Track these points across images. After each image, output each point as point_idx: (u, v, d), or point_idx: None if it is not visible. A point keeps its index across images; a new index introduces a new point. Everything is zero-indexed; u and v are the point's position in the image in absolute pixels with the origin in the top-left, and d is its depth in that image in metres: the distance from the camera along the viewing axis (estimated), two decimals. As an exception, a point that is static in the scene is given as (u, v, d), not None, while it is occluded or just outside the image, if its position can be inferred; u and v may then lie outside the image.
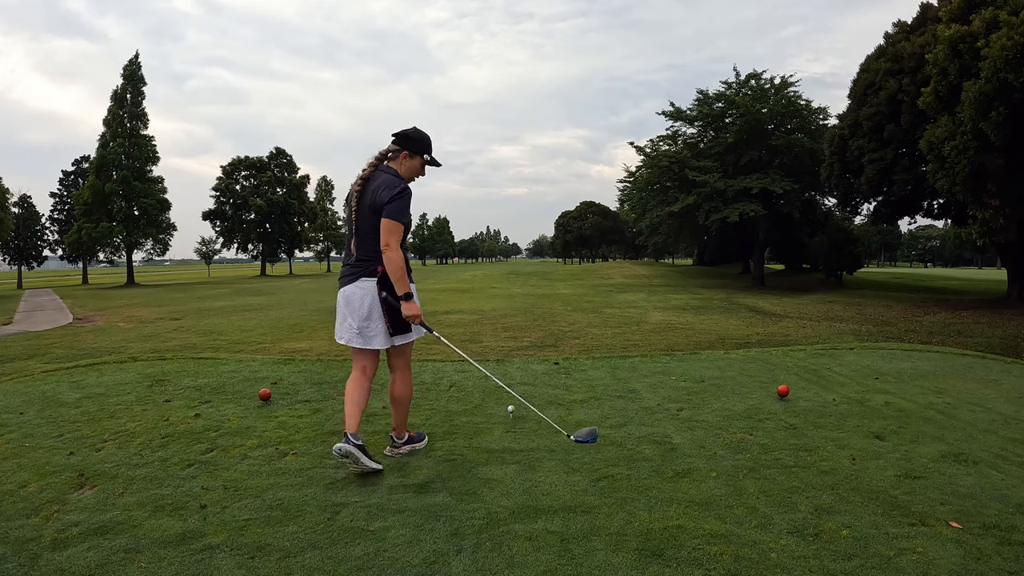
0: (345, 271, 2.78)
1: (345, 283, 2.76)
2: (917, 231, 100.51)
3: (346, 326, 2.74)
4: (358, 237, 2.69)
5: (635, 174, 31.75)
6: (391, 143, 2.79)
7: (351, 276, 2.74)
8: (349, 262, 2.77)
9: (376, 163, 2.73)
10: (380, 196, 2.62)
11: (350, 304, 2.71)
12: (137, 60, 36.04)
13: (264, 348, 9.93)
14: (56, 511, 2.24)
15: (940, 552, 1.91)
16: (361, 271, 2.71)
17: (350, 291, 2.72)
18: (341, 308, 2.76)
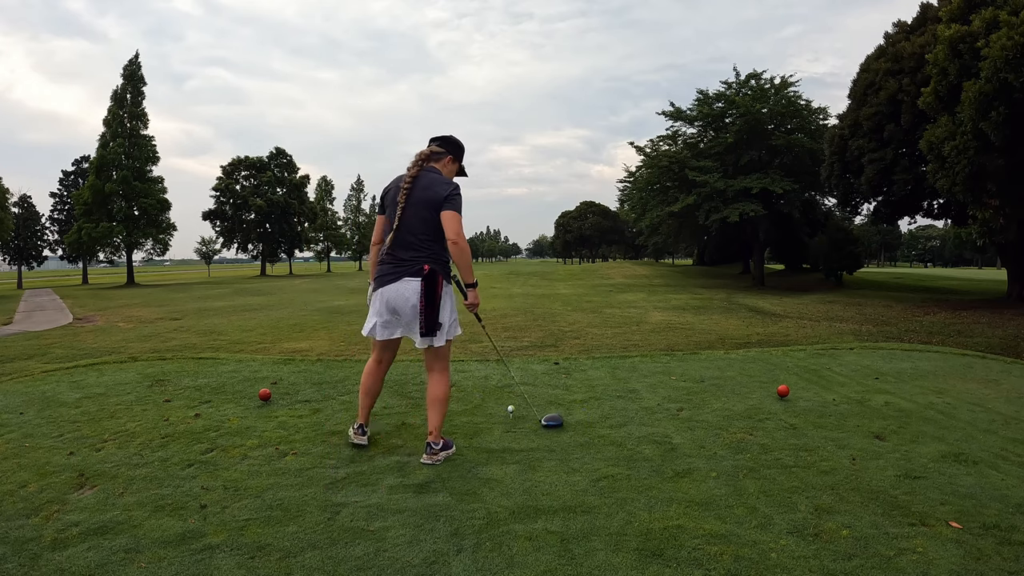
0: (385, 269, 2.76)
1: (387, 282, 2.75)
2: (917, 231, 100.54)
3: (384, 321, 2.78)
4: (401, 234, 2.70)
5: (635, 174, 31.76)
6: (433, 145, 2.86)
7: (394, 275, 2.73)
8: (390, 260, 2.75)
9: (421, 164, 2.78)
10: (437, 192, 2.68)
11: (393, 303, 2.73)
12: (137, 60, 36.06)
13: (264, 348, 9.94)
14: (56, 511, 2.24)
15: (940, 552, 1.91)
16: (405, 270, 2.71)
17: (392, 291, 2.72)
18: (378, 306, 2.78)
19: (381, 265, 2.81)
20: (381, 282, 2.78)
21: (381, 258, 2.82)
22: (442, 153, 2.85)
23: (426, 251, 2.71)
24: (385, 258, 2.79)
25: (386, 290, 2.75)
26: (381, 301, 2.78)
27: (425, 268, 2.68)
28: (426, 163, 2.80)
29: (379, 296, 2.79)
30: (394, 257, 2.74)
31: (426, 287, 2.67)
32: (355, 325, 12.86)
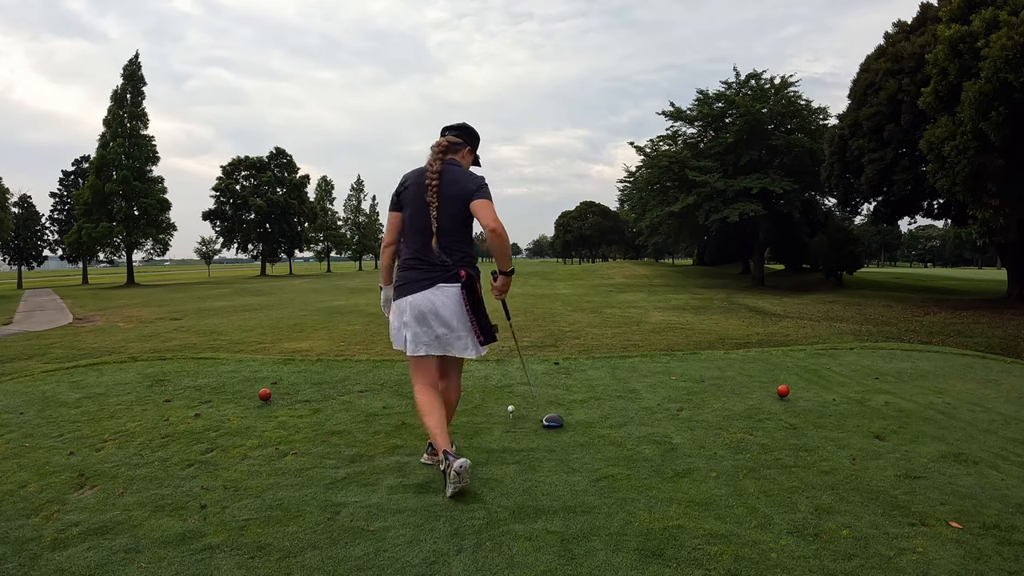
0: (413, 275, 2.50)
1: (416, 289, 2.48)
2: (917, 231, 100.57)
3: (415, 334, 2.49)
4: (436, 235, 2.46)
5: (635, 174, 31.77)
6: (450, 135, 2.63)
7: (425, 281, 2.48)
8: (418, 264, 2.50)
9: (442, 156, 2.54)
10: (466, 185, 2.48)
11: (424, 313, 2.46)
12: (137, 60, 36.07)
13: (264, 348, 9.94)
14: (56, 511, 2.24)
15: (940, 552, 1.91)
16: (439, 275, 2.47)
17: (423, 299, 2.47)
18: (405, 316, 2.50)
19: (407, 270, 2.53)
20: (408, 289, 2.50)
21: (405, 261, 2.55)
22: (460, 144, 2.62)
23: (459, 253, 2.50)
24: (411, 262, 2.52)
25: (416, 299, 2.48)
26: (410, 311, 2.49)
27: (462, 274, 2.46)
28: (444, 155, 2.55)
29: (406, 305, 2.50)
30: (423, 261, 2.48)
31: (469, 294, 2.46)
32: (355, 325, 12.87)
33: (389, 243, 2.66)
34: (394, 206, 2.62)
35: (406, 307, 2.50)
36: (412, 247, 2.53)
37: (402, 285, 2.53)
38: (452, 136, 2.62)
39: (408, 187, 2.55)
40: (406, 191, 2.55)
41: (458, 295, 2.48)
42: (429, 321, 2.48)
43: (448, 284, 2.48)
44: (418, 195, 2.49)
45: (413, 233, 2.52)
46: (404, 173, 2.61)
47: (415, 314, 2.48)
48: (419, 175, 2.53)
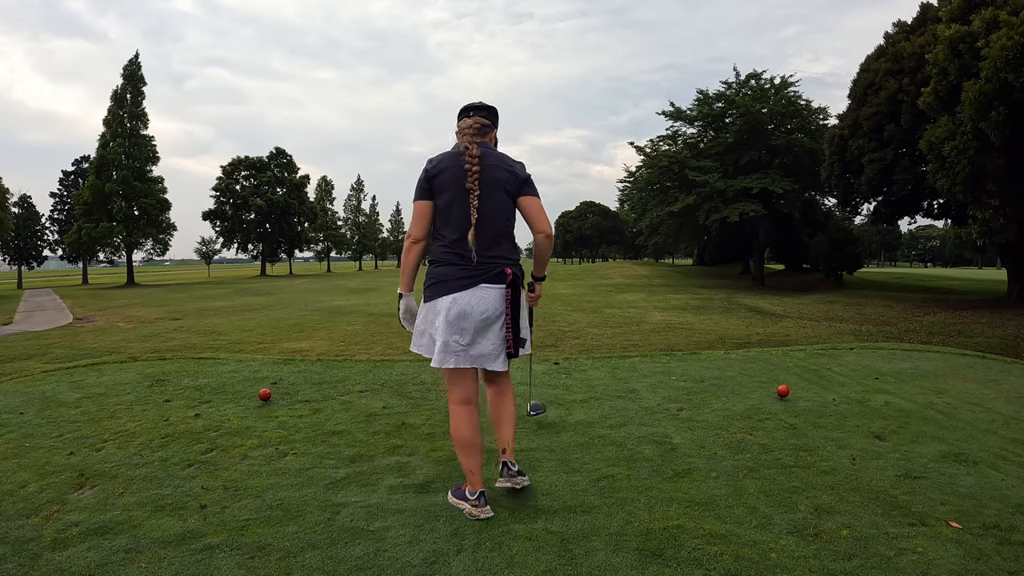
0: (450, 272, 2.17)
1: (455, 288, 2.16)
2: (917, 231, 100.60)
3: (456, 343, 2.17)
4: (478, 229, 2.15)
5: (635, 174, 31.76)
6: (479, 116, 2.28)
7: (465, 280, 2.16)
8: (458, 261, 2.17)
9: (477, 139, 2.23)
10: (513, 172, 2.22)
11: (466, 316, 2.15)
12: (137, 60, 36.07)
13: (264, 348, 9.94)
14: (56, 511, 2.24)
15: (940, 552, 1.91)
16: (482, 273, 2.17)
17: (465, 300, 2.15)
18: (444, 321, 2.16)
19: (442, 266, 2.20)
20: (444, 288, 2.17)
21: (439, 257, 2.22)
22: (489, 126, 2.30)
23: (503, 248, 2.22)
24: (447, 257, 2.19)
25: (454, 299, 2.16)
26: (445, 314, 2.16)
27: (508, 272, 2.18)
28: (478, 138, 2.24)
29: (440, 308, 2.17)
30: (462, 257, 2.16)
31: (513, 296, 2.18)
32: (355, 325, 12.87)
33: (418, 238, 2.22)
34: (424, 193, 2.21)
35: (441, 309, 2.17)
36: (447, 240, 2.19)
37: (435, 284, 2.19)
38: (480, 117, 2.29)
39: (444, 170, 2.18)
40: (441, 175, 2.18)
41: (501, 299, 2.18)
42: (467, 327, 2.16)
43: (492, 284, 2.18)
44: (457, 180, 2.16)
45: (450, 224, 2.17)
46: (430, 157, 2.26)
47: (451, 318, 2.15)
48: (454, 158, 2.20)
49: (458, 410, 2.26)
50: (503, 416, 2.35)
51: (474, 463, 2.21)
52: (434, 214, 2.22)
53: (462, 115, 2.33)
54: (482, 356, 2.21)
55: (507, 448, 2.32)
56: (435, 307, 2.20)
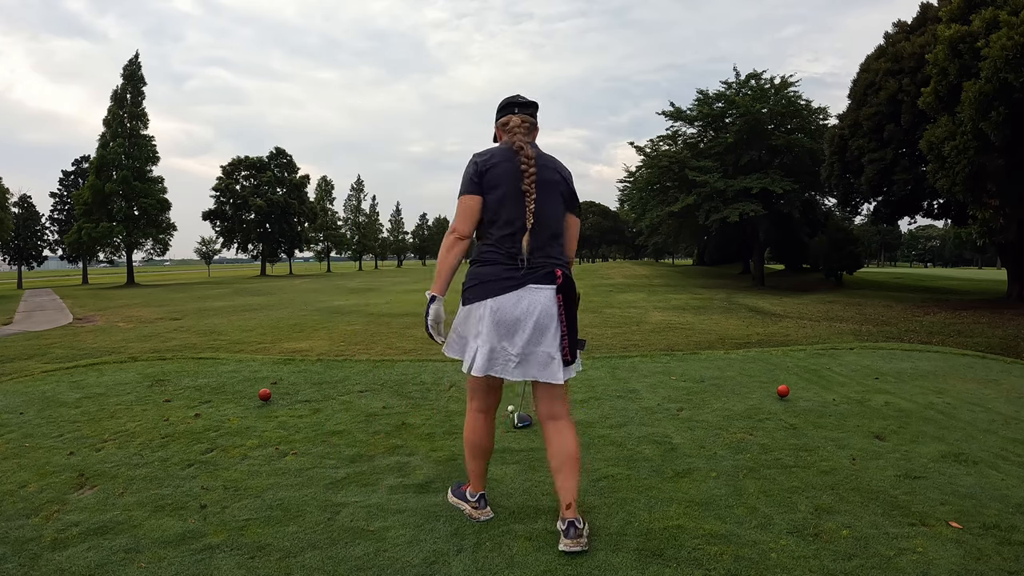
0: (495, 272, 2.00)
1: (500, 289, 1.97)
2: (917, 231, 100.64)
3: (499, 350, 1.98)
4: (532, 228, 2.00)
5: (635, 174, 31.77)
6: (524, 114, 2.11)
7: (511, 280, 1.98)
8: (505, 260, 2.00)
9: (527, 138, 2.09)
10: (568, 180, 2.13)
11: (514, 320, 1.97)
12: (137, 60, 36.07)
13: (264, 348, 9.94)
14: (56, 511, 2.24)
15: (940, 552, 1.91)
16: (529, 273, 1.99)
17: (511, 302, 1.97)
18: (484, 325, 1.98)
19: (486, 265, 2.02)
20: (488, 290, 1.99)
21: (482, 255, 2.05)
22: (535, 125, 2.15)
23: (554, 249, 2.06)
24: (492, 255, 2.01)
25: (499, 302, 1.97)
26: (490, 317, 1.97)
27: (558, 273, 2.00)
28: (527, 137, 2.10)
29: (483, 311, 1.99)
30: (509, 256, 1.99)
31: (566, 298, 2.00)
32: (355, 325, 12.87)
33: (465, 234, 2.02)
34: (473, 187, 2.02)
35: (485, 313, 1.98)
36: (494, 238, 2.02)
37: (478, 285, 2.01)
38: (527, 115, 2.12)
39: (497, 164, 2.02)
40: (494, 169, 2.01)
41: (552, 300, 1.99)
42: (516, 332, 1.96)
43: (541, 285, 1.99)
44: (510, 176, 2.01)
45: (499, 222, 2.01)
46: (477, 151, 2.10)
47: (497, 321, 1.97)
48: (506, 152, 2.05)
49: (477, 417, 2.16)
50: (567, 458, 2.00)
51: (480, 466, 2.19)
52: (483, 210, 2.03)
53: (505, 110, 2.13)
54: (534, 367, 1.98)
55: (572, 503, 1.97)
56: (478, 310, 2.00)
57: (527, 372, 1.99)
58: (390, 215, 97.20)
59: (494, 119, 2.19)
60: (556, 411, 2.05)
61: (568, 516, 1.95)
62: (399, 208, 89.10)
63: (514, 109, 2.12)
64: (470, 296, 2.04)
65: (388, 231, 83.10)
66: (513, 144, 2.06)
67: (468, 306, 2.05)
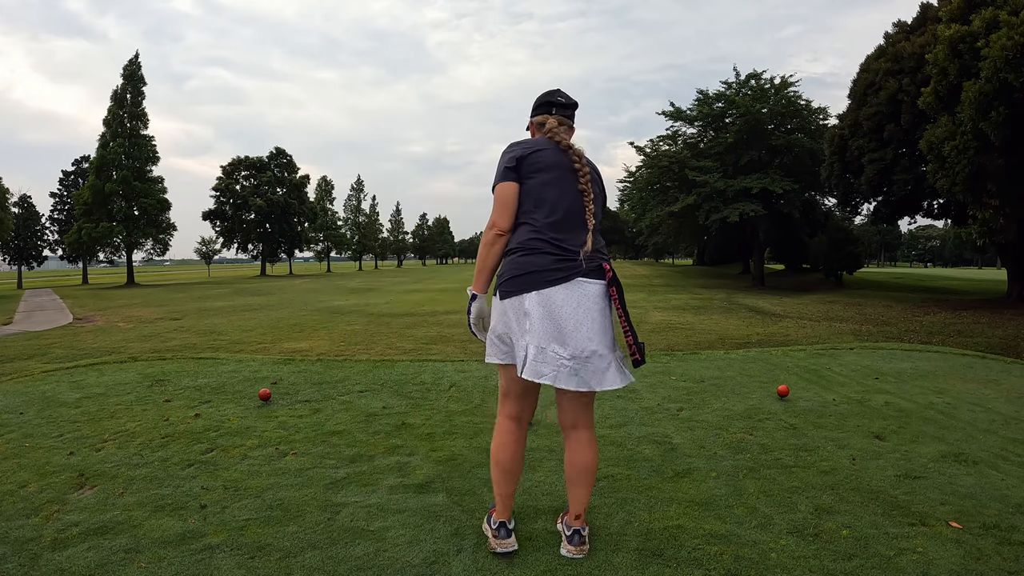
0: (539, 262, 1.81)
1: (546, 281, 1.79)
2: (917, 231, 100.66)
3: (548, 353, 1.77)
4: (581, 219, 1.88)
5: (635, 174, 31.78)
6: (566, 114, 1.99)
7: (558, 272, 1.80)
8: (552, 249, 1.82)
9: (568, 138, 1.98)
10: (603, 188, 2.04)
11: (563, 316, 1.78)
12: (137, 60, 36.07)
13: (264, 348, 9.93)
14: (56, 511, 2.24)
15: (940, 552, 1.91)
16: (576, 266, 1.81)
17: (562, 296, 1.79)
18: (532, 321, 1.79)
19: (533, 254, 1.82)
20: (536, 281, 1.79)
21: (524, 243, 1.85)
22: (572, 128, 2.02)
23: (600, 243, 1.92)
24: (539, 243, 1.82)
25: (547, 295, 1.78)
26: (538, 313, 1.78)
27: (607, 267, 1.85)
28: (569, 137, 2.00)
29: (529, 306, 1.79)
30: (557, 245, 1.82)
31: (619, 292, 1.84)
32: (355, 325, 12.86)
33: (506, 228, 1.87)
34: (510, 175, 1.87)
35: (530, 307, 1.79)
36: (538, 224, 1.84)
37: (519, 276, 1.81)
38: (565, 117, 2.00)
39: (541, 151, 1.89)
40: (536, 154, 1.88)
41: (603, 296, 1.83)
42: (565, 333, 1.78)
43: (590, 279, 1.82)
44: (557, 164, 1.89)
45: (544, 207, 1.85)
46: (514, 142, 1.97)
47: (544, 317, 1.78)
48: (551, 144, 1.92)
49: (507, 425, 1.93)
50: (584, 470, 1.89)
51: (508, 489, 1.93)
52: (520, 198, 1.88)
53: (541, 108, 2.00)
54: (592, 375, 1.78)
55: (582, 513, 1.91)
56: (520, 304, 1.81)
57: (584, 380, 1.78)
58: (390, 215, 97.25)
59: (529, 114, 2.07)
60: (581, 420, 1.91)
61: (575, 525, 1.92)
62: (399, 208, 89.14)
63: (551, 109, 1.99)
64: (510, 288, 1.83)
65: (388, 231, 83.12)
66: (560, 141, 1.93)
67: (508, 300, 1.84)
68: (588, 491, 1.91)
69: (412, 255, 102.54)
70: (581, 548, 1.91)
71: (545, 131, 1.97)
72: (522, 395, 1.93)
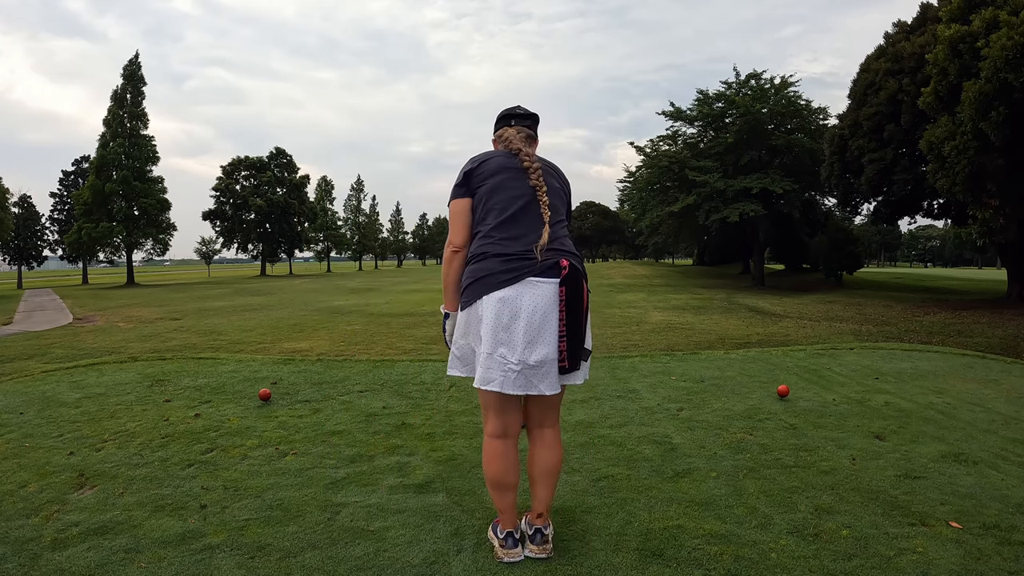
0: (489, 267, 1.79)
1: (495, 284, 1.77)
2: (917, 231, 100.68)
3: (496, 358, 1.77)
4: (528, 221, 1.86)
5: (635, 174, 31.77)
6: (525, 124, 2.01)
7: (507, 274, 1.77)
8: (505, 253, 1.80)
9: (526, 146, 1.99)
10: (568, 190, 2.05)
11: (510, 320, 1.76)
12: (137, 60, 36.08)
13: (264, 348, 9.93)
14: (56, 511, 2.24)
15: (940, 552, 1.91)
16: (527, 266, 1.78)
17: (507, 299, 1.76)
18: (485, 327, 1.79)
19: (483, 260, 1.81)
20: (487, 285, 1.78)
21: (476, 250, 1.85)
22: (535, 137, 2.05)
23: (559, 241, 1.87)
24: (489, 247, 1.82)
25: (494, 299, 1.77)
26: (489, 318, 1.77)
27: (563, 263, 1.79)
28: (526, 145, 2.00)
29: (482, 311, 1.79)
30: (506, 246, 1.81)
31: (570, 292, 1.78)
32: (355, 325, 12.86)
33: (460, 245, 1.89)
34: (460, 191, 1.90)
35: (483, 313, 1.79)
36: (486, 229, 1.85)
37: (473, 283, 1.82)
38: (525, 127, 2.02)
39: (487, 161, 1.91)
40: (484, 165, 1.90)
41: (553, 296, 1.78)
42: (514, 334, 1.76)
43: (543, 279, 1.78)
44: (504, 169, 1.89)
45: (493, 211, 1.85)
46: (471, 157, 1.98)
47: (495, 321, 1.77)
48: (502, 152, 1.95)
49: (493, 445, 1.89)
50: (545, 471, 1.90)
51: (507, 502, 1.89)
52: (475, 209, 1.89)
53: (501, 122, 2.03)
54: (541, 380, 1.78)
55: (544, 512, 1.90)
56: (476, 311, 1.81)
57: (531, 385, 1.78)
58: (390, 215, 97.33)
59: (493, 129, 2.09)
60: (548, 420, 1.93)
61: (537, 524, 1.91)
62: (399, 208, 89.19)
63: (510, 121, 2.02)
64: (467, 298, 1.84)
65: (388, 231, 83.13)
66: (511, 149, 1.95)
67: (467, 310, 1.84)
68: (551, 491, 1.93)
69: (412, 255, 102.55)
70: (543, 547, 1.89)
71: (503, 141, 2.00)
72: (501, 408, 1.87)
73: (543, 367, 1.78)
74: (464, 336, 1.87)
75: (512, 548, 1.88)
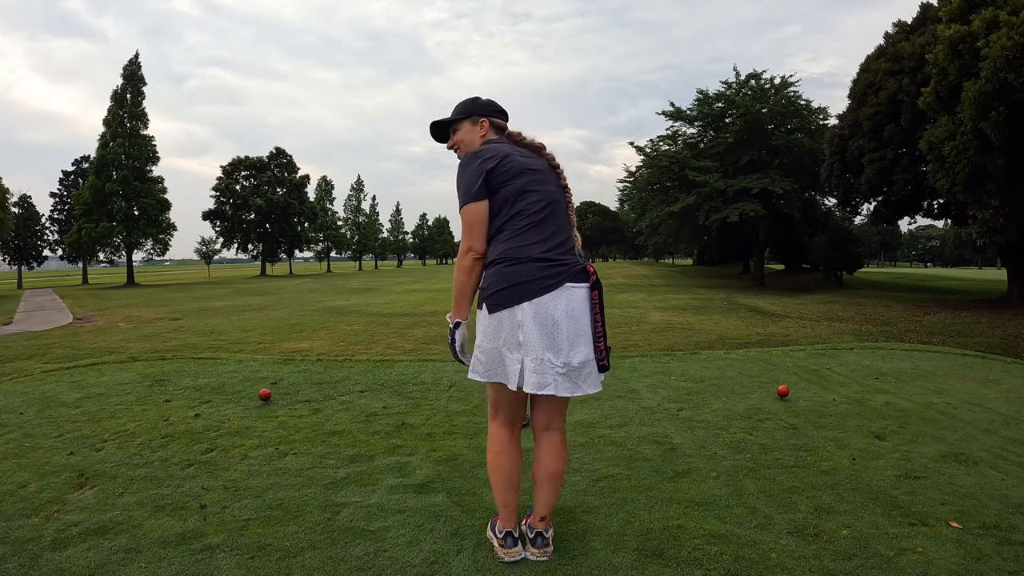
0: (528, 272, 1.76)
1: (538, 290, 1.75)
2: (917, 231, 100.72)
3: (545, 363, 1.75)
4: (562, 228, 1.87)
5: (635, 174, 31.77)
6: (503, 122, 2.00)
7: (549, 279, 1.76)
8: (540, 259, 1.77)
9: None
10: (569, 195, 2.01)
11: (559, 325, 1.76)
12: (137, 60, 36.10)
13: (264, 348, 9.93)
14: (56, 511, 2.24)
15: (940, 552, 1.91)
16: (564, 272, 1.78)
17: (554, 305, 1.75)
18: (525, 333, 1.75)
19: (519, 263, 1.76)
20: (528, 291, 1.74)
21: (505, 252, 1.79)
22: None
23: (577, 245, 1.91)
24: (524, 250, 1.78)
25: (540, 304, 1.75)
26: (535, 323, 1.74)
27: (590, 270, 1.83)
28: None
29: (523, 317, 1.75)
30: (546, 253, 1.78)
31: (600, 299, 1.83)
32: (355, 325, 12.86)
33: (482, 251, 1.82)
34: (480, 192, 1.79)
35: (523, 319, 1.75)
36: (519, 230, 1.79)
37: (508, 288, 1.76)
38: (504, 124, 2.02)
39: (507, 156, 1.82)
40: (507, 160, 1.81)
41: (586, 300, 1.80)
42: (557, 340, 1.75)
43: (576, 284, 1.79)
44: (535, 167, 1.86)
45: (527, 213, 1.80)
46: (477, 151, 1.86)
47: (538, 327, 1.75)
48: (515, 149, 1.90)
49: (502, 434, 1.90)
50: (550, 474, 1.89)
51: (510, 498, 1.89)
52: (495, 206, 1.81)
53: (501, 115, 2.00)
54: (584, 376, 1.79)
55: (546, 515, 1.90)
56: (512, 316, 1.75)
57: (578, 385, 1.78)
58: (390, 215, 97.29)
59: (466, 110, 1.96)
60: (555, 423, 1.92)
61: (539, 527, 1.91)
62: (399, 208, 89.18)
63: (504, 116, 2.00)
64: (499, 301, 1.77)
65: (388, 231, 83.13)
66: (533, 141, 1.94)
67: (498, 313, 1.77)
68: (554, 495, 1.91)
69: (412, 255, 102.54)
70: (544, 551, 1.89)
71: (510, 135, 1.97)
72: (515, 405, 1.91)
73: (585, 368, 1.79)
74: (493, 340, 1.79)
75: (512, 547, 1.88)
